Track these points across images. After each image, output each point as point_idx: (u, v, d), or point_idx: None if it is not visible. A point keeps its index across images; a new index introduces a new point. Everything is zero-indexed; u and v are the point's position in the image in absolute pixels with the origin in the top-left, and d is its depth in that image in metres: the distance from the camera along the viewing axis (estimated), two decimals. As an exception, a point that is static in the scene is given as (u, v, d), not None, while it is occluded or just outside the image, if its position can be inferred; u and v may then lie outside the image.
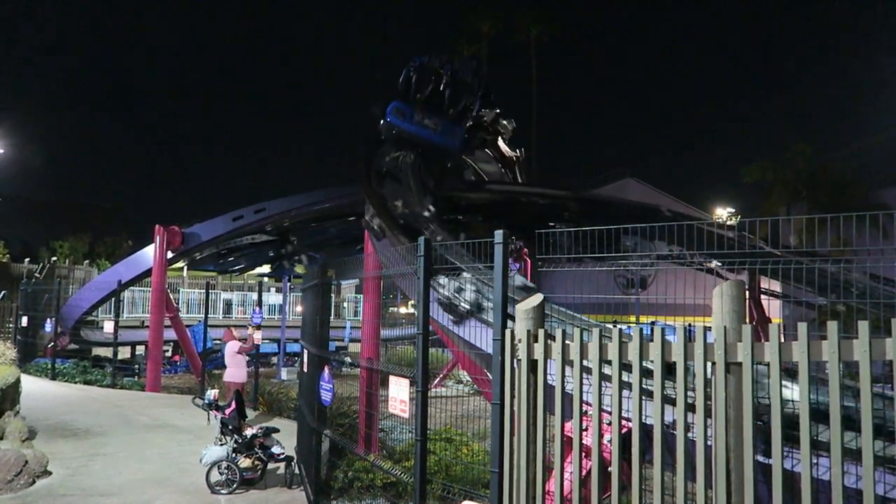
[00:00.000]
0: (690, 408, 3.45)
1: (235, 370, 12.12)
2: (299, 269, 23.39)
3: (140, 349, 23.74)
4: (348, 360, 9.47)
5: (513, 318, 4.41)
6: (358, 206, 16.46)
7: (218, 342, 23.74)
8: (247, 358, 13.25)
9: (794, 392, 3.47)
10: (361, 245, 22.04)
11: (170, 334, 19.89)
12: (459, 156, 17.70)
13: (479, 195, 21.84)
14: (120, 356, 19.60)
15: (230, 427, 8.51)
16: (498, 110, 20.65)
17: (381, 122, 13.76)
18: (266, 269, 26.03)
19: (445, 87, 15.65)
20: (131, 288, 21.85)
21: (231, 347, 12.20)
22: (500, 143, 22.10)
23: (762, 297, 16.28)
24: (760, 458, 3.32)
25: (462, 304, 7.14)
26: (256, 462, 8.19)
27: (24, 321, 20.83)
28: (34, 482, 7.92)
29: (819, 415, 3.14)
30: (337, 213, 20.53)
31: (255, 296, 29.27)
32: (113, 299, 19.16)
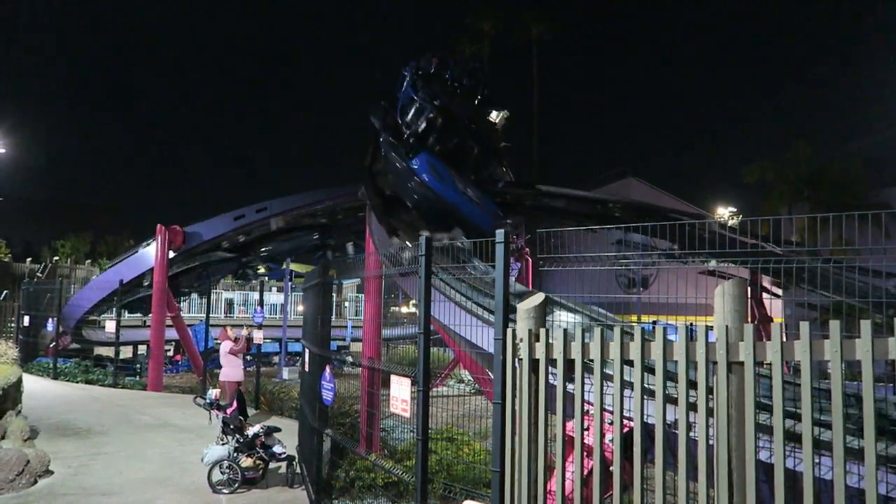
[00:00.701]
0: (692, 407, 3.45)
1: (230, 370, 12.01)
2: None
3: (142, 348, 23.78)
4: (349, 359, 9.47)
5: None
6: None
7: (219, 343, 23.75)
8: (248, 357, 13.19)
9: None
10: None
11: (171, 333, 19.92)
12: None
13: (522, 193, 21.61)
14: (121, 356, 19.57)
15: (231, 426, 8.52)
16: (506, 112, 20.42)
17: (414, 178, 11.69)
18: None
19: (472, 141, 13.85)
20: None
21: (223, 348, 12.13)
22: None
23: (763, 296, 16.28)
24: (763, 458, 3.32)
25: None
26: (258, 461, 8.19)
27: (26, 321, 20.85)
28: (36, 481, 7.92)
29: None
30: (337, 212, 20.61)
31: (256, 295, 29.32)
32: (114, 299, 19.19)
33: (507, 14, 45.39)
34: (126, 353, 23.49)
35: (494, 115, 19.40)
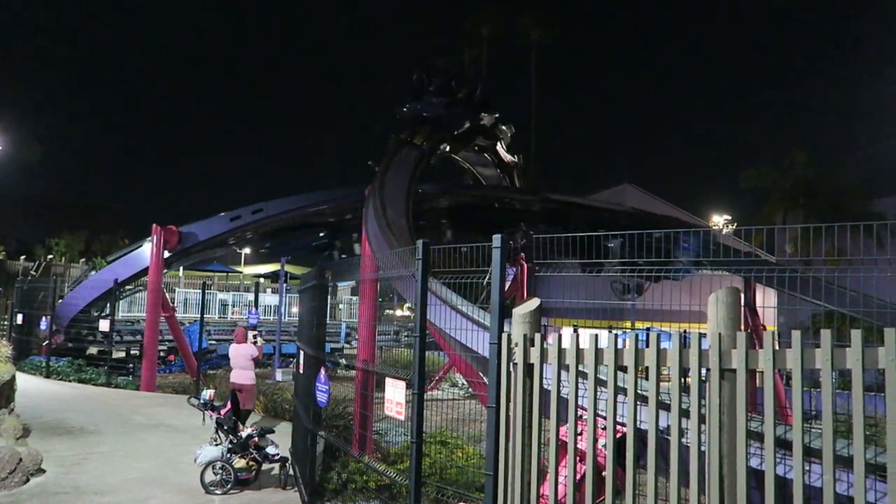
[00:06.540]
0: (685, 413, 3.48)
1: (251, 373, 11.34)
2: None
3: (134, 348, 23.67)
4: (343, 361, 9.48)
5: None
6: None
7: (213, 344, 23.69)
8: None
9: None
10: None
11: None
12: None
13: (530, 198, 22.11)
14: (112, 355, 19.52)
15: (225, 427, 8.52)
16: (497, 115, 20.87)
17: None
18: (263, 269, 26.05)
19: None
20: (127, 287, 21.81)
21: (247, 351, 11.46)
22: (500, 148, 22.29)
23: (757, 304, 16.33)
24: (754, 465, 3.35)
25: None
26: (251, 462, 8.19)
27: (20, 319, 20.80)
28: (28, 480, 7.90)
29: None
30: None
31: (250, 296, 29.23)
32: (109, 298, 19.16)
33: (505, 18, 45.48)
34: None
35: (504, 129, 20.58)
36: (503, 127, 21.64)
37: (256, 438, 8.31)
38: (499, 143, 22.22)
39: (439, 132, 19.61)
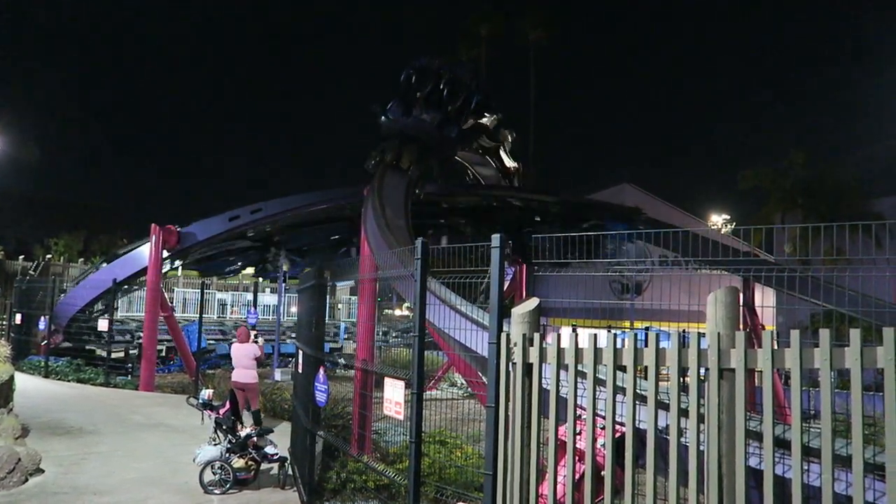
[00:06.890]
0: (684, 413, 3.48)
1: (251, 371, 11.18)
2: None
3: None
4: (342, 361, 9.47)
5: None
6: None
7: (212, 343, 23.69)
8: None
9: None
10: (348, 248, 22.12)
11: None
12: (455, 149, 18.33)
13: (468, 198, 21.92)
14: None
15: (224, 427, 8.51)
16: (499, 115, 20.76)
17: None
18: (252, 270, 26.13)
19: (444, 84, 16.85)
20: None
21: (250, 351, 10.70)
22: (502, 153, 22.24)
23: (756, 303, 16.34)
24: (752, 464, 3.35)
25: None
26: (250, 462, 8.19)
27: (18, 318, 20.78)
28: (27, 480, 7.90)
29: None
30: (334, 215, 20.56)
31: (249, 296, 29.26)
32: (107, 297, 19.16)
33: (504, 19, 45.52)
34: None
35: (507, 134, 20.21)
36: (506, 132, 21.43)
37: (255, 438, 8.31)
38: (501, 148, 22.14)
39: (427, 155, 18.30)
